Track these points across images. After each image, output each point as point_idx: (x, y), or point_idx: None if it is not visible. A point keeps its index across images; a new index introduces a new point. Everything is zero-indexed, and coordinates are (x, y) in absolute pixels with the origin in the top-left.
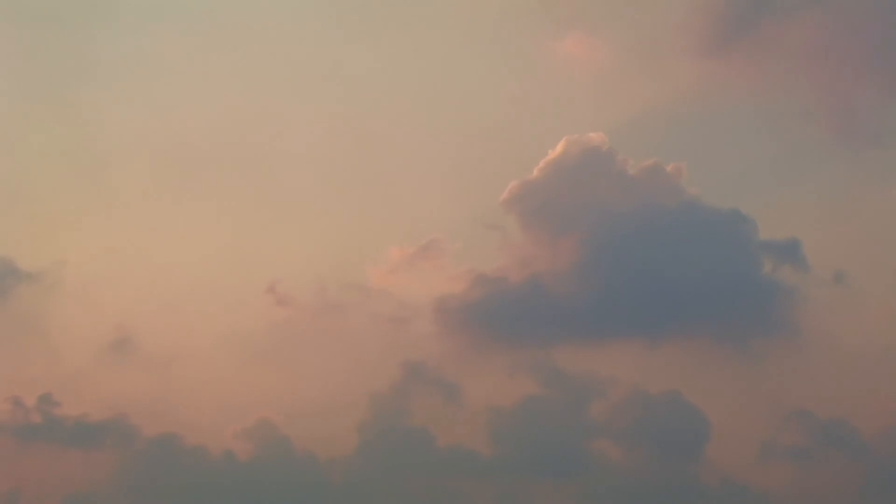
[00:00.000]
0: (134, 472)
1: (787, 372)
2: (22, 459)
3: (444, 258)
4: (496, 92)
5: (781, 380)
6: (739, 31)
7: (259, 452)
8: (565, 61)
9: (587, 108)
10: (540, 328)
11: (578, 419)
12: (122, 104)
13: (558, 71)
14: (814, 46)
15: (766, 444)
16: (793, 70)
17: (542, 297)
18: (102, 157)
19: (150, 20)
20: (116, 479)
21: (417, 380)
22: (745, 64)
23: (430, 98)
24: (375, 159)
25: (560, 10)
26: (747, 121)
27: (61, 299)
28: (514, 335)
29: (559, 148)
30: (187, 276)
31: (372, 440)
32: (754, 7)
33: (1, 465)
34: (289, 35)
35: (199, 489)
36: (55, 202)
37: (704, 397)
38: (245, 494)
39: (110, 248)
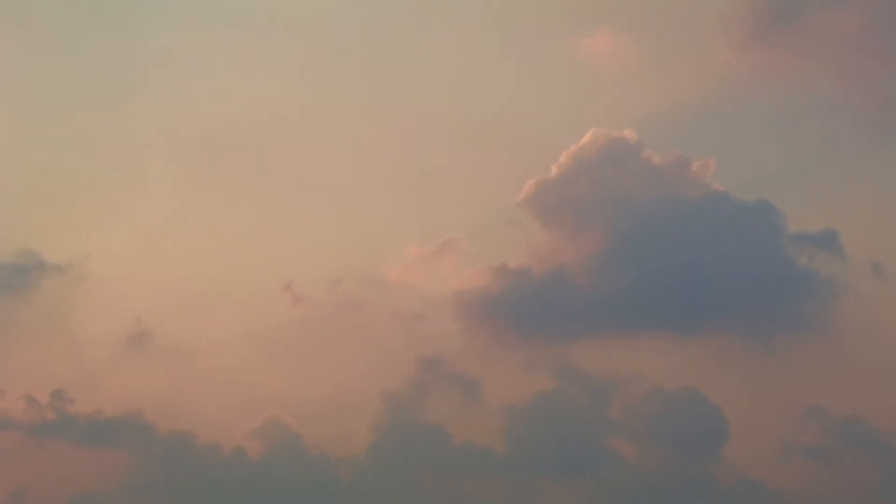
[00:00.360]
0: (144, 470)
1: (812, 368)
2: (34, 457)
3: (462, 256)
4: (521, 90)
5: (805, 377)
6: (773, 24)
7: (272, 451)
8: (592, 59)
9: (614, 105)
10: (558, 324)
11: (596, 417)
12: (151, 100)
13: (585, 68)
14: (849, 38)
15: (786, 442)
16: (827, 62)
17: (561, 292)
18: (130, 152)
19: (185, 15)
20: (127, 478)
21: (434, 378)
22: (778, 57)
23: (454, 96)
24: (395, 157)
25: (588, 8)
26: (780, 114)
27: (84, 292)
28: (532, 331)
29: (583, 141)
30: (208, 271)
31: (386, 438)
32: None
33: (14, 463)
34: (316, 33)
35: (211, 488)
36: (82, 195)
37: (724, 395)
38: (258, 493)
39: (134, 241)
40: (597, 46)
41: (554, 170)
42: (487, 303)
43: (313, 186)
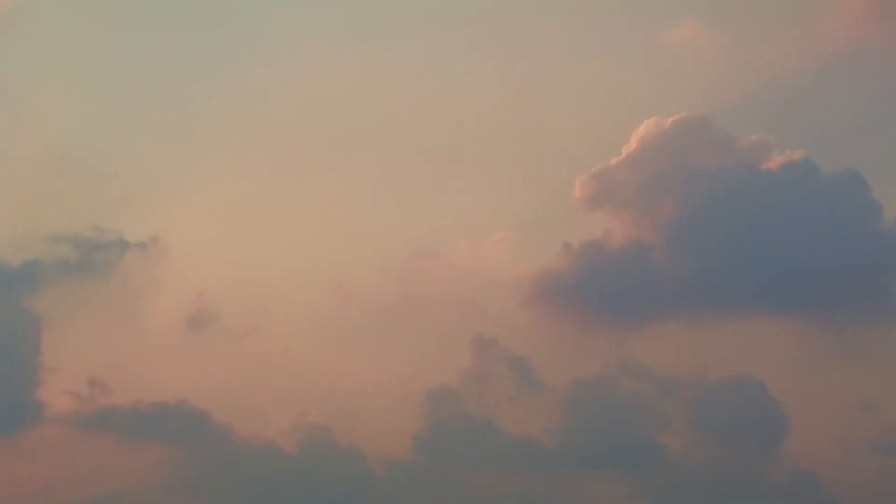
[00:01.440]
0: (179, 467)
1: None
2: (72, 449)
3: (519, 245)
4: (606, 78)
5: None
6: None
7: (310, 446)
8: (676, 48)
9: (696, 92)
10: (617, 312)
11: (651, 409)
12: (236, 84)
13: (669, 57)
14: None
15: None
16: None
17: (622, 278)
18: (216, 133)
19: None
20: (157, 476)
21: (484, 374)
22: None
23: (530, 86)
24: (459, 146)
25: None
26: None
27: (156, 271)
28: (591, 319)
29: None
30: (275, 256)
31: (432, 433)
32: None
33: (49, 456)
34: (386, 31)
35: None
36: (163, 174)
37: (788, 387)
38: (296, 488)
39: (210, 222)
40: (682, 37)
41: (625, 150)
42: (544, 290)
43: (377, 178)
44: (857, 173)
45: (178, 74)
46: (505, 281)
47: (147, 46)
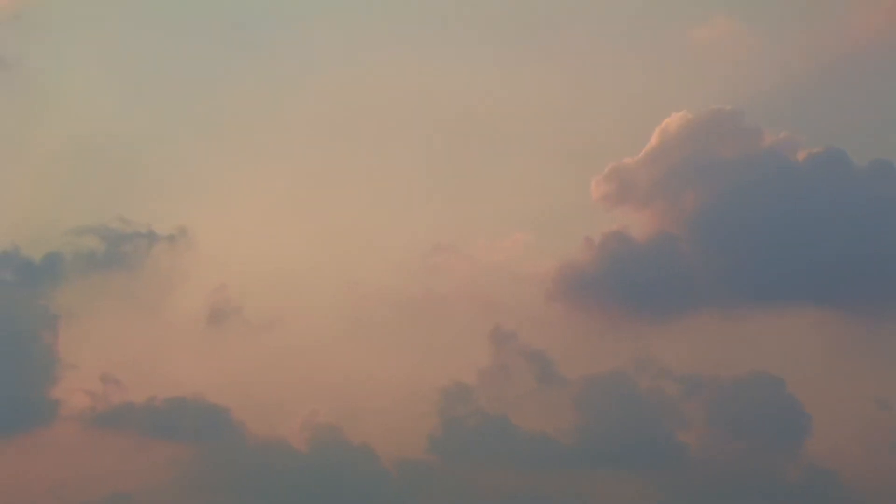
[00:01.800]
0: (193, 465)
1: None
2: (87, 447)
3: (536, 245)
4: (634, 73)
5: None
6: None
7: (323, 444)
8: (703, 45)
9: (725, 87)
10: (635, 309)
11: (671, 406)
12: (269, 80)
13: (696, 55)
14: None
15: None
16: None
17: (636, 278)
18: (249, 124)
19: None
20: (174, 474)
21: (501, 371)
22: None
23: (556, 81)
24: (481, 144)
25: None
26: None
27: (182, 264)
28: (609, 315)
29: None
30: (296, 255)
31: (447, 432)
32: None
33: (65, 454)
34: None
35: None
36: (193, 167)
37: (809, 384)
38: (309, 487)
39: (239, 216)
40: (711, 33)
41: (649, 145)
42: (564, 286)
43: (403, 173)
44: (889, 164)
45: (207, 68)
46: (524, 277)
47: (177, 39)
